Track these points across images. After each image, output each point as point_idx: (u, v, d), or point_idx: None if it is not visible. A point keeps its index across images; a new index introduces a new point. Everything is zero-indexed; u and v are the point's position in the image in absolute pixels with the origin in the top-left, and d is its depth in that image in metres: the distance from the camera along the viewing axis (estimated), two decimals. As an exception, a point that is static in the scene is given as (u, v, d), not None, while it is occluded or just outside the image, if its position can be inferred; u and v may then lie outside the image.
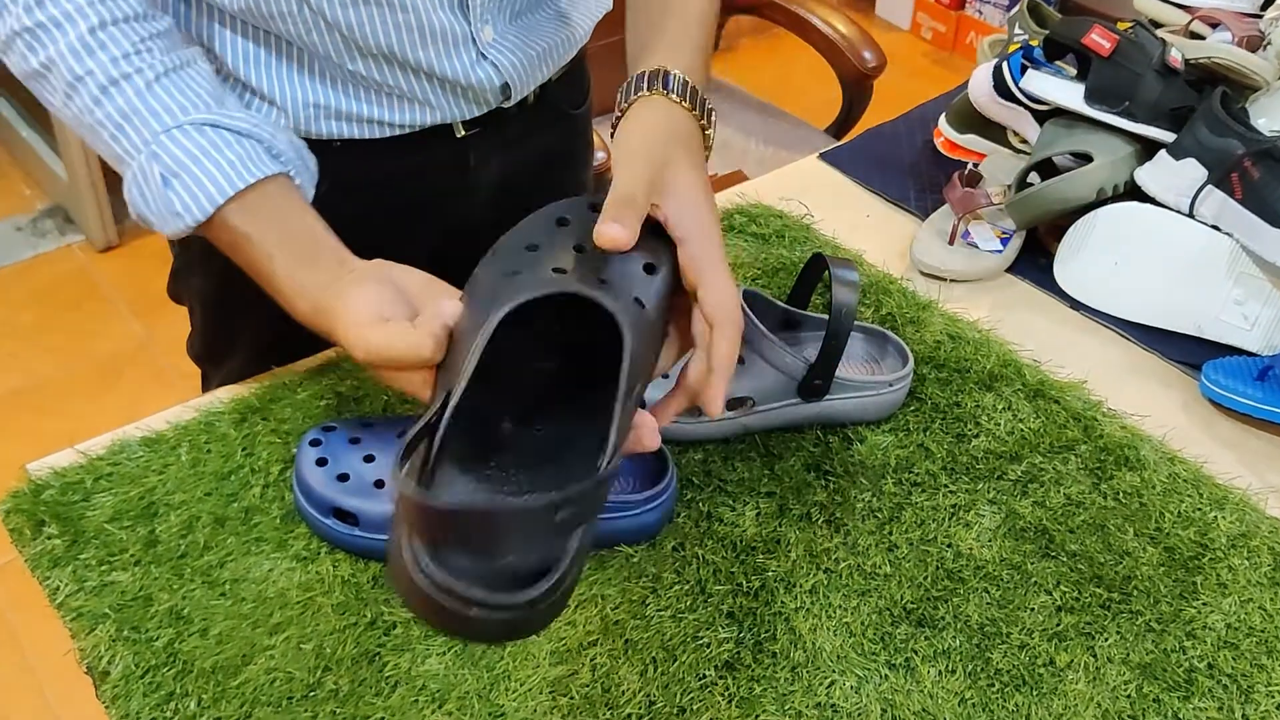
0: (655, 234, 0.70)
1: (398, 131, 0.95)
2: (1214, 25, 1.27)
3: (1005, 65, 1.20)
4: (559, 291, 0.62)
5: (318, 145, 0.93)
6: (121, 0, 0.77)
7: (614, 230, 0.67)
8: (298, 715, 0.71)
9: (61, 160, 2.46)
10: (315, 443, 0.83)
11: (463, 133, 0.99)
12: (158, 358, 2.24)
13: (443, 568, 0.52)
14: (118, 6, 0.76)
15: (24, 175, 2.70)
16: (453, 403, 0.59)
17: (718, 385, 0.68)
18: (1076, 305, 1.09)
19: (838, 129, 2.03)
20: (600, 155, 1.62)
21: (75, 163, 2.38)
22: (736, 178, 1.89)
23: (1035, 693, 0.75)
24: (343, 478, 0.80)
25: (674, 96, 0.76)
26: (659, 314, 0.67)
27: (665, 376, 0.90)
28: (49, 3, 0.75)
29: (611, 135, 0.78)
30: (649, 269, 0.68)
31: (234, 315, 1.04)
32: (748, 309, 0.89)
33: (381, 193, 1.00)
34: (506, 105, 0.99)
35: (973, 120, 1.27)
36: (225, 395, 0.92)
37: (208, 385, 1.11)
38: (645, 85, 0.76)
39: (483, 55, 0.93)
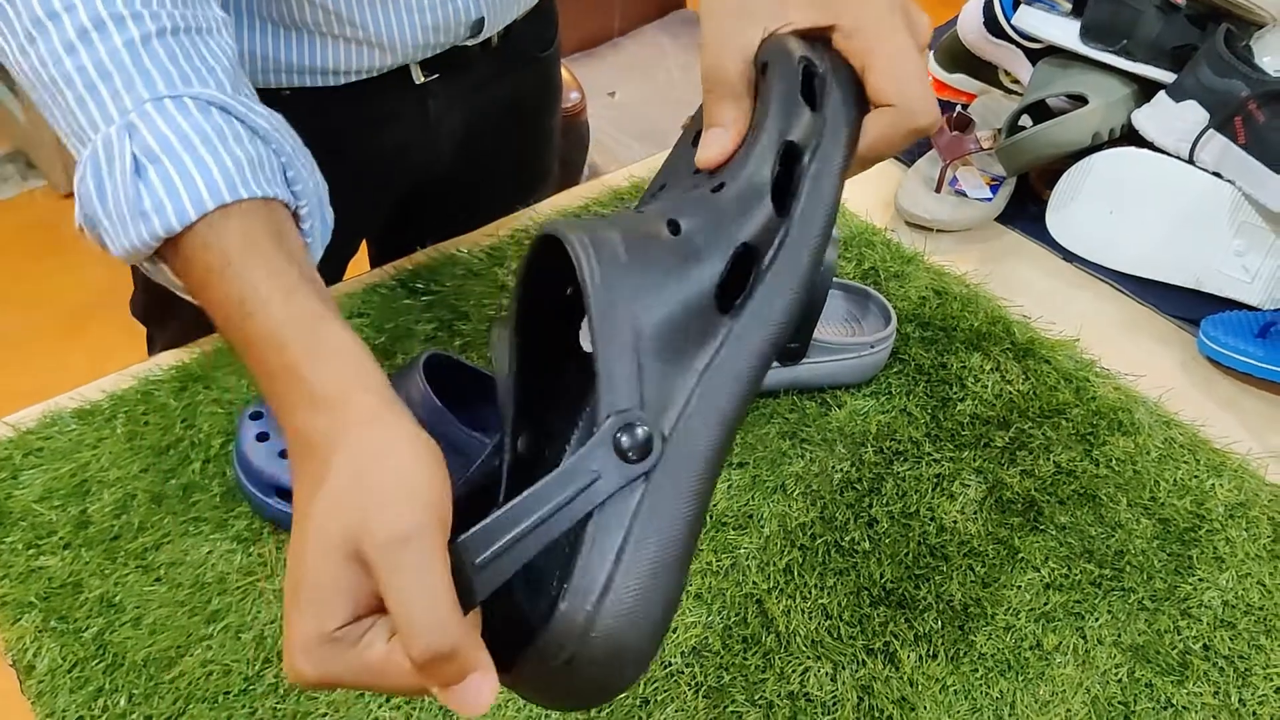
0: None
1: (352, 78, 0.88)
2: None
3: (997, 1, 1.13)
4: (533, 246, 0.49)
5: (265, 95, 0.87)
6: None
7: (706, 148, 0.51)
8: (235, 712, 0.67)
9: (20, 102, 2.38)
10: (257, 415, 0.77)
11: (421, 79, 0.93)
12: (122, 307, 2.18)
13: None
14: None
15: (-16, 118, 2.62)
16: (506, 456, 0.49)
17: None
18: (1070, 256, 1.04)
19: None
20: (574, 96, 1.55)
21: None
22: (718, 118, 1.82)
23: (1021, 678, 0.71)
24: (285, 453, 0.75)
25: None
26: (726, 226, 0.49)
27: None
28: None
29: None
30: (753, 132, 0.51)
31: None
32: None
33: (339, 144, 0.94)
34: (471, 44, 0.92)
35: (963, 59, 1.20)
36: (165, 361, 0.87)
37: (153, 347, 1.06)
38: None
39: None
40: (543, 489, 0.41)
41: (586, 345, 0.48)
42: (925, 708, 0.69)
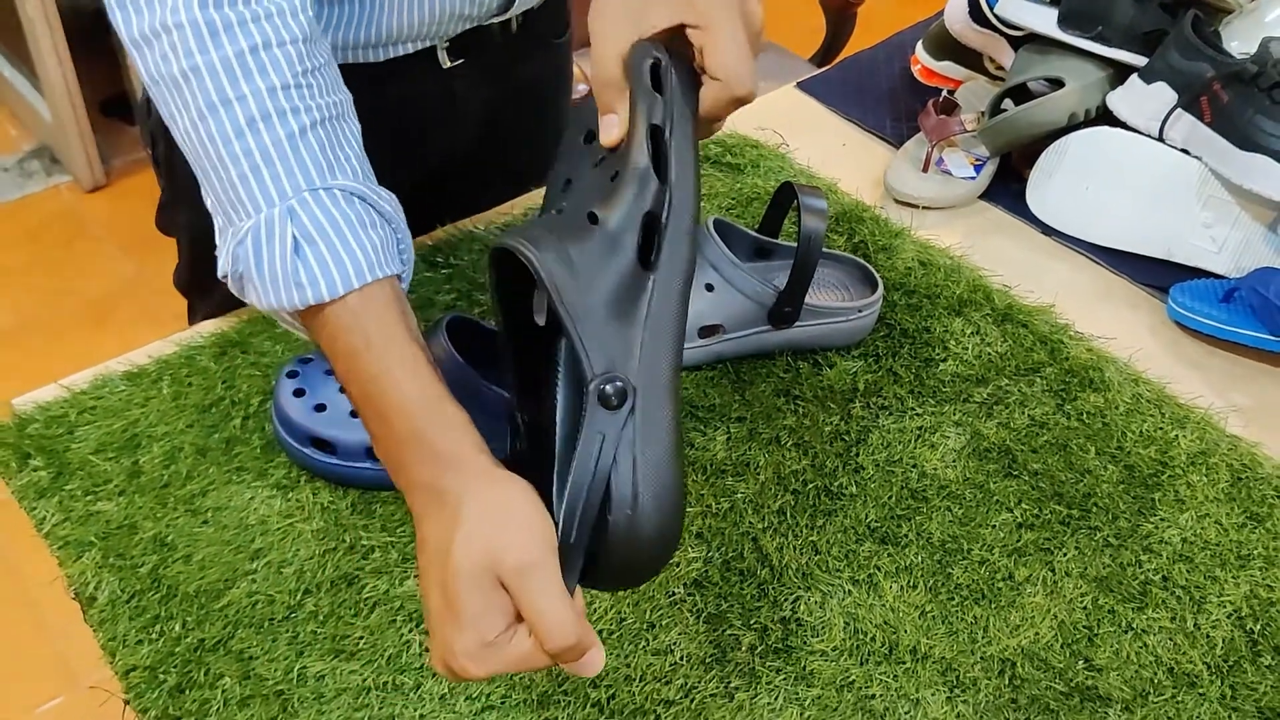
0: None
1: (391, 52, 0.94)
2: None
3: (980, -9, 1.20)
4: (492, 256, 0.63)
5: None
6: (290, 19, 0.66)
7: (605, 130, 0.64)
8: (279, 635, 0.74)
9: (45, 100, 2.45)
10: (293, 374, 0.84)
11: (448, 63, 1.00)
12: (147, 296, 2.25)
13: None
14: (287, 26, 0.66)
15: (8, 116, 2.69)
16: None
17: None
18: (1048, 231, 1.10)
19: (821, 58, 2.02)
20: (581, 88, 1.62)
21: (59, 103, 2.37)
22: (720, 109, 1.88)
23: (993, 605, 0.77)
24: (320, 408, 0.82)
25: None
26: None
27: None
28: (225, 3, 0.64)
29: None
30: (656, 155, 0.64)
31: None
32: (717, 238, 0.91)
33: (372, 126, 1.01)
34: (496, 21, 0.99)
35: (949, 47, 1.27)
36: (206, 329, 0.94)
37: (194, 316, 1.12)
38: None
39: None
40: (577, 474, 0.56)
41: (539, 319, 0.65)
42: (906, 631, 0.76)
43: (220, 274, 0.68)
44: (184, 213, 1.06)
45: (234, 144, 0.64)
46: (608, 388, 0.57)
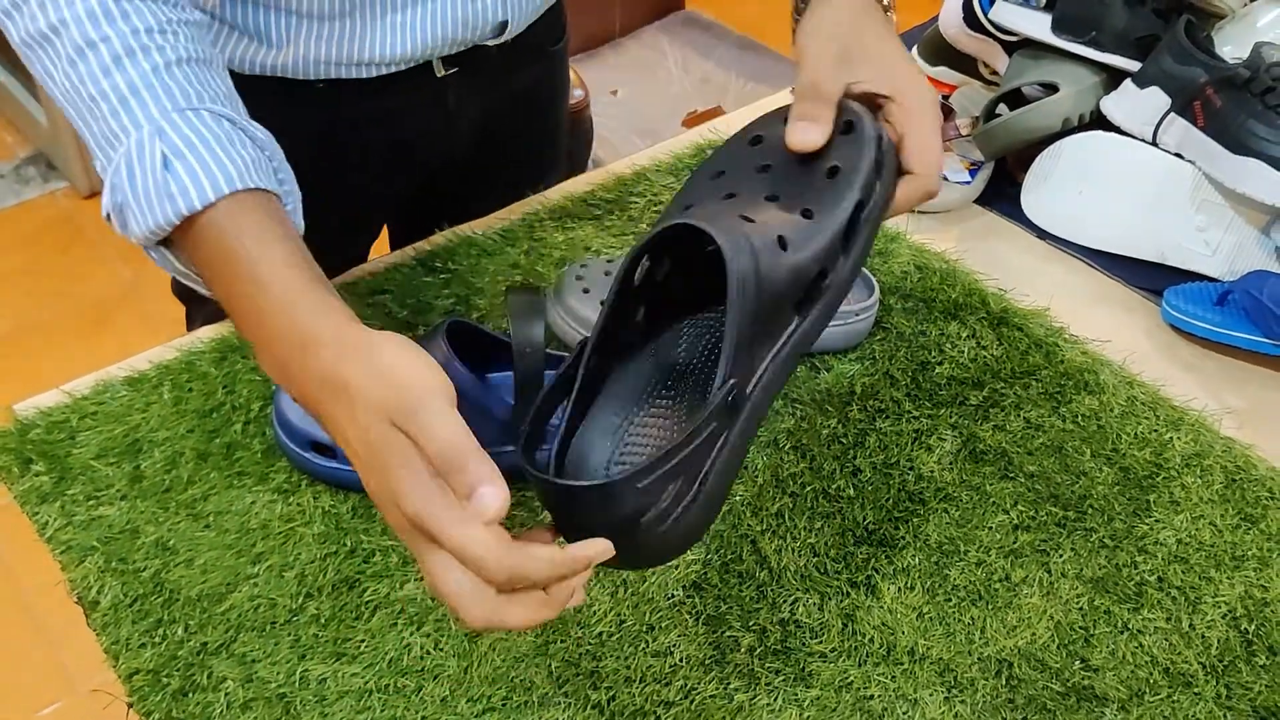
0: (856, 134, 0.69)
1: (382, 70, 0.95)
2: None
3: (975, -4, 1.21)
4: (672, 225, 0.63)
5: (301, 87, 0.94)
6: None
7: (803, 132, 0.68)
8: (281, 639, 0.74)
9: (42, 106, 2.46)
10: (293, 379, 0.85)
11: (442, 72, 1.00)
12: (145, 301, 2.26)
13: None
14: None
15: (5, 122, 2.70)
16: (586, 355, 0.63)
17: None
18: (1043, 234, 1.11)
19: (817, 63, 2.03)
20: (578, 93, 1.63)
21: (56, 109, 2.37)
22: (715, 113, 1.89)
23: (990, 606, 0.78)
24: (320, 412, 0.82)
25: None
26: (836, 223, 0.65)
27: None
28: None
29: (793, 39, 0.76)
30: (832, 172, 0.67)
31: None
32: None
33: (366, 135, 1.01)
34: (491, 43, 0.99)
35: (944, 52, 1.28)
36: (206, 335, 0.94)
37: (192, 323, 1.13)
38: None
39: None
40: (688, 439, 0.58)
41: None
42: (904, 632, 0.76)
43: (104, 214, 0.68)
44: None
45: (102, 81, 0.65)
46: (736, 393, 0.59)
